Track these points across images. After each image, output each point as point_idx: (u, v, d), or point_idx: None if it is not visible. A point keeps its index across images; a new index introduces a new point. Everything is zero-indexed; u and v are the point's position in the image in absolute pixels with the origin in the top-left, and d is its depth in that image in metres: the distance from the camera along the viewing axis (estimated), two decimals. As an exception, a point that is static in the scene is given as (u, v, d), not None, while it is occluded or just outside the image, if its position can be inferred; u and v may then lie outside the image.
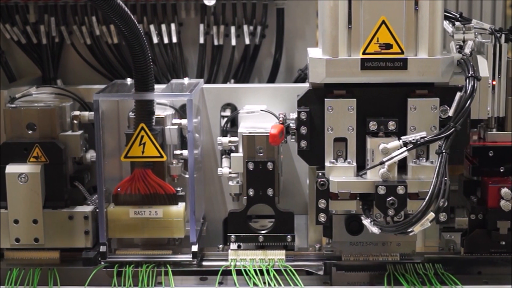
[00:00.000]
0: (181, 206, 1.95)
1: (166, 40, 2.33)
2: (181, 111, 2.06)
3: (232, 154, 1.97)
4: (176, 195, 1.96)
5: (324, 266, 1.94)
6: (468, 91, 1.71)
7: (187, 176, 1.97)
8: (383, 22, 1.75)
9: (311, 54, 1.85)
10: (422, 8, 1.75)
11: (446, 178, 1.68)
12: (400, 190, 1.73)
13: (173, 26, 2.32)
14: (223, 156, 2.05)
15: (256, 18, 2.34)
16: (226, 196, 2.16)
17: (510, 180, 1.88)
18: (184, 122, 1.99)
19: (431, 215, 1.67)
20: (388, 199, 1.73)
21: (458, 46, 1.85)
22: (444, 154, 1.70)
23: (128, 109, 2.03)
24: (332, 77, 1.77)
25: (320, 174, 1.80)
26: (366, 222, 1.76)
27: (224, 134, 2.09)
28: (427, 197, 1.67)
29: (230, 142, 1.99)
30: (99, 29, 2.32)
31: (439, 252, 1.98)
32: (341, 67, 1.76)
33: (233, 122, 2.15)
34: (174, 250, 1.97)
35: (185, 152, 1.99)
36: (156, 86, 1.92)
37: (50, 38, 2.33)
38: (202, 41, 2.34)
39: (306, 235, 2.04)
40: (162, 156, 1.92)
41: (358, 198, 1.78)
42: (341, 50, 1.76)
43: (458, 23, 1.86)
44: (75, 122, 2.01)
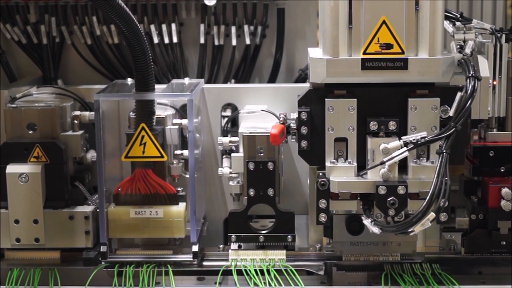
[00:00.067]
0: (181, 206, 1.95)
1: (166, 40, 2.32)
2: (181, 111, 2.06)
3: (232, 154, 1.97)
4: (176, 195, 1.96)
5: (324, 266, 1.94)
6: (468, 91, 1.71)
7: (188, 176, 1.96)
8: (384, 22, 1.75)
9: (312, 54, 1.85)
10: (422, 8, 1.75)
11: (446, 178, 1.68)
12: (400, 190, 1.73)
13: (173, 26, 2.32)
14: (224, 156, 2.05)
15: (256, 18, 2.33)
16: (226, 196, 2.16)
17: (511, 180, 1.88)
18: (184, 122, 1.99)
19: (432, 215, 1.67)
20: (388, 199, 1.73)
21: (458, 46, 1.85)
22: (444, 154, 1.70)
23: (128, 109, 2.03)
24: (332, 77, 1.77)
25: (320, 174, 1.80)
26: (367, 222, 1.76)
27: (224, 134, 2.09)
28: (428, 197, 1.67)
29: (230, 142, 1.99)
30: (100, 29, 2.32)
31: (440, 252, 1.98)
32: (341, 67, 1.76)
33: (233, 122, 2.15)
34: (174, 250, 1.97)
35: (185, 152, 1.99)
36: (156, 86, 1.92)
37: (51, 38, 2.33)
38: (202, 41, 2.34)
39: (306, 235, 2.04)
40: (162, 156, 1.92)
41: (358, 198, 1.78)
42: (341, 50, 1.76)
43: (458, 23, 1.86)
44: (76, 122, 2.01)
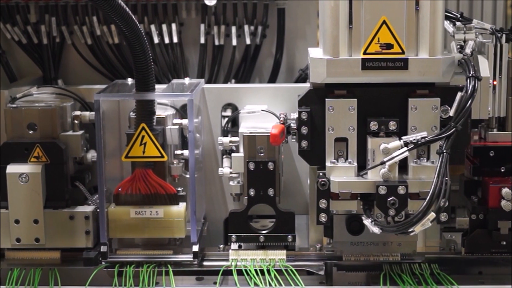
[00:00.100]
0: (182, 206, 1.95)
1: (167, 40, 2.32)
2: (182, 111, 2.06)
3: (233, 154, 1.97)
4: (176, 195, 1.96)
5: (325, 266, 1.93)
6: (469, 91, 1.71)
7: (188, 176, 1.96)
8: (384, 22, 1.74)
9: (312, 54, 1.85)
10: (423, 8, 1.75)
11: (447, 178, 1.68)
12: (401, 190, 1.73)
13: (174, 26, 2.32)
14: (224, 156, 2.05)
15: (257, 18, 2.33)
16: (227, 196, 2.16)
17: (511, 180, 1.88)
18: (185, 122, 1.99)
19: (432, 215, 1.67)
20: (389, 199, 1.73)
21: (459, 46, 1.85)
22: (445, 154, 1.70)
23: (129, 109, 2.03)
24: (333, 77, 1.77)
25: (321, 174, 1.80)
26: (367, 222, 1.76)
27: (225, 134, 2.09)
28: (428, 197, 1.67)
29: (231, 142, 1.99)
30: (100, 29, 2.32)
31: (440, 252, 1.98)
32: (342, 67, 1.76)
33: (234, 122, 2.15)
34: (175, 250, 1.97)
35: (186, 152, 1.99)
36: (157, 86, 1.92)
37: (51, 38, 2.33)
38: (203, 41, 2.34)
39: (307, 235, 2.04)
40: (163, 156, 1.92)
41: (359, 198, 1.78)
42: (342, 50, 1.76)
43: (459, 23, 1.86)
44: (76, 122, 2.01)
